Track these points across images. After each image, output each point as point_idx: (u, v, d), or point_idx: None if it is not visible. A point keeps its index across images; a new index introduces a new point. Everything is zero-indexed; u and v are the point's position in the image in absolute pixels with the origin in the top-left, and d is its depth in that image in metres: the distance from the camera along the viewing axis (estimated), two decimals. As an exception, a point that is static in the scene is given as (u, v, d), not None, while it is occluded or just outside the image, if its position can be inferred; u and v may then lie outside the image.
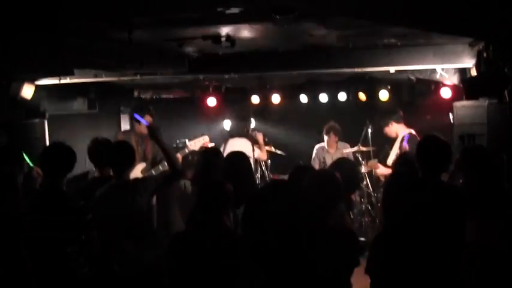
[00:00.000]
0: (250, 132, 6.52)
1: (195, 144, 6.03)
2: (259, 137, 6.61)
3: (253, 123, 9.05)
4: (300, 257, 2.93)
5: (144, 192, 3.98)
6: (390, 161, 6.78)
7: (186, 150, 6.01)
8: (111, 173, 4.14)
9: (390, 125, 6.55)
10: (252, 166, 6.36)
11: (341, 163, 4.33)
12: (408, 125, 6.66)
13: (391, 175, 3.35)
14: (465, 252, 3.95)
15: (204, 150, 5.07)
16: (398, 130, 6.52)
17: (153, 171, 5.63)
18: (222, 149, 6.37)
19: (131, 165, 4.15)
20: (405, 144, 6.18)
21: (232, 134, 6.31)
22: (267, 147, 7.42)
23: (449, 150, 3.68)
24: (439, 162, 3.59)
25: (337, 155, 7.66)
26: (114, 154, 4.10)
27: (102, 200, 3.94)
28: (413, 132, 6.44)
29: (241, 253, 3.11)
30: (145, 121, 5.63)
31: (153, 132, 4.24)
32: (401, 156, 4.94)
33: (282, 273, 2.95)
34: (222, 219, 3.25)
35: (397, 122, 6.54)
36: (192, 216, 3.33)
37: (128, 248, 3.87)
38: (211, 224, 3.22)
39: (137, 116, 5.73)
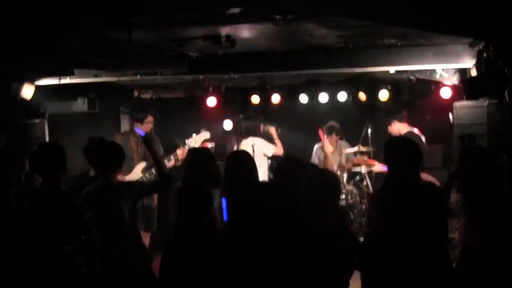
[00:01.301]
0: (262, 129, 6.50)
1: (195, 142, 6.01)
2: (272, 131, 6.57)
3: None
4: (298, 257, 2.93)
5: (128, 197, 3.98)
6: None
7: (186, 147, 6.00)
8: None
9: (393, 124, 6.45)
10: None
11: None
12: (410, 124, 6.62)
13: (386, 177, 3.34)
14: (463, 253, 3.97)
15: (191, 150, 5.05)
16: (400, 129, 6.43)
17: (153, 170, 5.63)
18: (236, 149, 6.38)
19: (117, 167, 4.10)
20: None
21: (243, 134, 6.31)
22: None
23: (418, 148, 3.70)
24: (410, 162, 3.60)
25: (337, 155, 7.66)
26: (100, 155, 4.09)
27: (86, 199, 3.94)
28: (415, 131, 6.36)
29: (228, 253, 3.11)
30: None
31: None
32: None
33: (279, 274, 2.96)
34: (206, 220, 3.25)
35: (400, 121, 6.43)
36: (179, 220, 3.34)
37: (110, 250, 3.85)
38: (195, 226, 3.22)
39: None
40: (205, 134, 6.10)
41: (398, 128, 6.44)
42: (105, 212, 3.87)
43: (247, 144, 6.21)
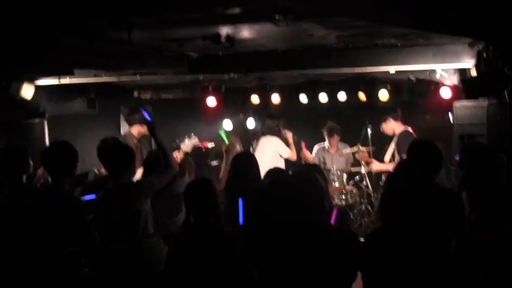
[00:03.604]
0: (281, 130, 6.57)
1: (187, 146, 5.97)
2: (289, 136, 6.64)
3: (252, 123, 9.09)
4: (300, 257, 2.93)
5: (139, 196, 3.96)
6: (387, 158, 6.80)
7: (181, 151, 5.96)
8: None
9: (388, 122, 6.55)
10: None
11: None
12: (406, 123, 6.68)
13: (390, 175, 3.34)
14: (460, 249, 3.96)
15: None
16: (395, 127, 6.55)
17: None
18: (253, 147, 6.40)
19: (127, 168, 4.06)
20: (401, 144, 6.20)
21: (263, 132, 6.38)
22: None
23: (440, 154, 3.70)
24: (429, 166, 3.61)
25: (337, 155, 7.67)
26: (109, 157, 4.07)
27: (99, 204, 3.94)
28: (409, 129, 6.46)
29: (236, 252, 3.11)
30: (149, 117, 5.59)
31: (152, 127, 4.37)
32: (402, 161, 4.92)
33: (282, 273, 2.96)
34: (212, 218, 3.24)
35: (395, 119, 6.56)
36: (187, 218, 3.33)
37: (124, 252, 3.85)
38: (202, 224, 3.21)
39: (145, 113, 5.70)
40: (194, 140, 6.02)
41: (393, 126, 6.56)
42: (119, 215, 3.86)
43: (265, 142, 6.27)
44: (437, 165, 3.68)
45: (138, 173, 5.79)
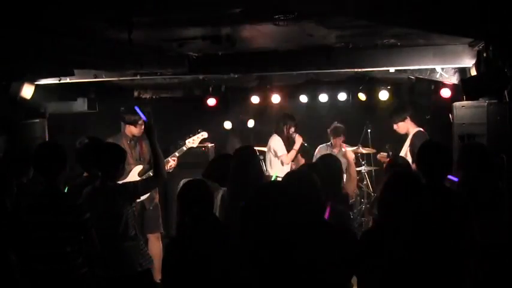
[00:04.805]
0: (290, 133, 6.64)
1: (193, 142, 6.01)
2: (297, 141, 6.71)
3: (252, 123, 9.11)
4: (298, 256, 2.93)
5: (120, 198, 3.98)
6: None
7: (184, 148, 5.99)
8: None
9: (406, 120, 6.57)
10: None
11: (325, 158, 4.43)
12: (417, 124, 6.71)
13: (390, 175, 3.34)
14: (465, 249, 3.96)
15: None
16: (410, 127, 6.56)
17: (150, 173, 5.58)
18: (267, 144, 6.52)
19: (114, 169, 4.06)
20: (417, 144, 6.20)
21: (275, 131, 6.49)
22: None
23: (450, 155, 3.68)
24: (439, 168, 3.59)
25: (340, 156, 7.66)
26: (96, 157, 4.07)
27: (85, 201, 3.94)
28: (422, 130, 6.48)
29: (234, 251, 3.11)
30: (144, 116, 5.47)
31: (149, 129, 4.27)
32: (393, 160, 4.89)
33: (280, 272, 2.96)
34: (208, 218, 3.24)
35: (411, 119, 6.61)
36: (182, 218, 3.33)
37: (105, 252, 3.83)
38: (199, 224, 3.21)
39: (138, 110, 5.59)
40: (203, 134, 6.11)
41: (409, 126, 6.56)
42: (101, 214, 3.86)
43: (270, 140, 6.39)
44: (444, 167, 3.65)
45: (136, 171, 5.81)
